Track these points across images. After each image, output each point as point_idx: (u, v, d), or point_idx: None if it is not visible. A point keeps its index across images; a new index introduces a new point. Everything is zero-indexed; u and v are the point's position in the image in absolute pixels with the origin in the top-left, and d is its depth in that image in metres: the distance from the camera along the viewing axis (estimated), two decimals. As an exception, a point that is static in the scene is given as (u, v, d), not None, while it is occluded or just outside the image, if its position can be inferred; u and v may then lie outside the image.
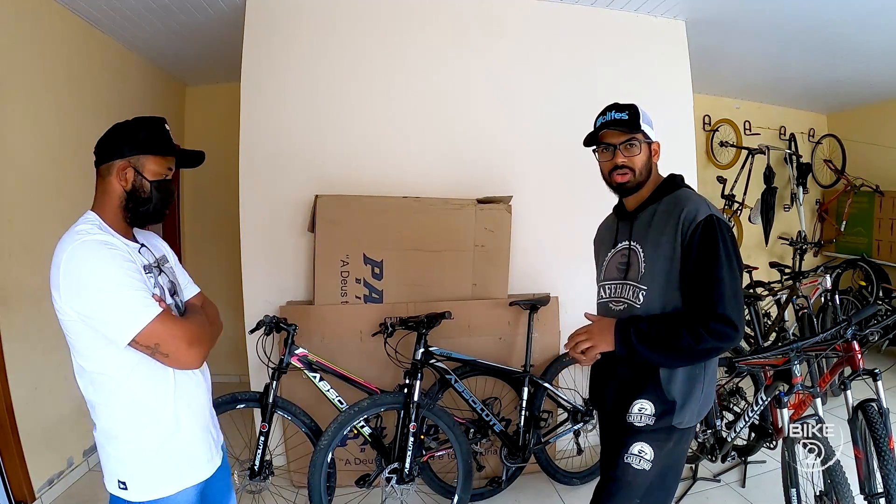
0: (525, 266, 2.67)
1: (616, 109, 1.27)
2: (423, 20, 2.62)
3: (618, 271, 1.32)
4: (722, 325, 1.11)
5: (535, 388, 2.32)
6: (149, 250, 1.12)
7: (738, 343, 1.23)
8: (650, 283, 1.22)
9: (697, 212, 1.17)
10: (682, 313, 1.18)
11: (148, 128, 1.07)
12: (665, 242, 1.20)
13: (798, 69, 3.64)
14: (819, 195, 4.70)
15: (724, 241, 1.15)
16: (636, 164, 1.26)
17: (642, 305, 1.23)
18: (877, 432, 1.72)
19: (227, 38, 2.82)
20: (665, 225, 1.21)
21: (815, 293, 3.52)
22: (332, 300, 2.33)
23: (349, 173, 2.52)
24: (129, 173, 1.04)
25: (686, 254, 1.17)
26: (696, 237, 1.15)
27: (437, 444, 2.23)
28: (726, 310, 1.11)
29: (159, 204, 1.08)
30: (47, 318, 2.39)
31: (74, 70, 2.55)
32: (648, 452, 1.22)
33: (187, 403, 1.08)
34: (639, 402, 1.23)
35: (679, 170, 1.35)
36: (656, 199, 1.28)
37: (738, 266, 1.17)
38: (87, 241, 0.97)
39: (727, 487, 2.36)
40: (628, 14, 2.82)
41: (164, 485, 1.04)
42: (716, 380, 1.30)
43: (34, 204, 2.29)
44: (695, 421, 1.24)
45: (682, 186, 1.29)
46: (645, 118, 1.26)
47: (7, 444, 2.05)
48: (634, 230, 1.29)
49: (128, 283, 0.96)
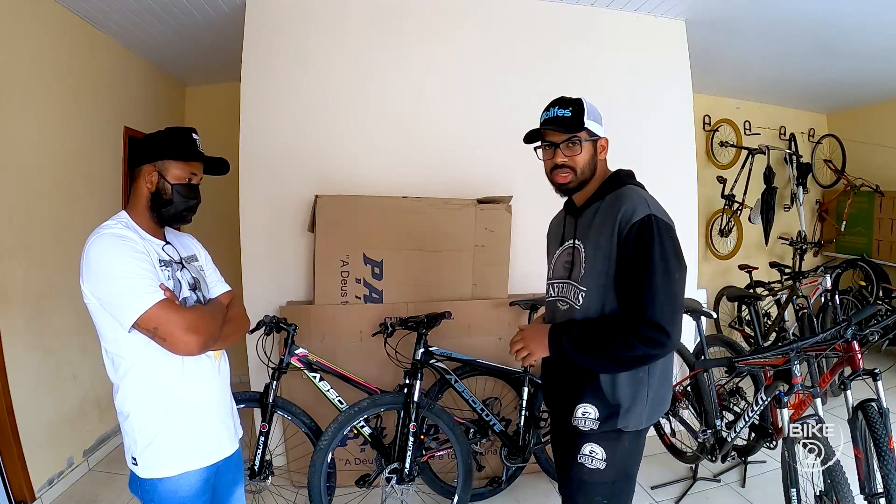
0: (525, 266, 2.67)
1: (560, 105, 1.22)
2: (422, 20, 2.62)
3: (563, 270, 1.29)
4: (652, 331, 1.07)
5: (535, 388, 2.32)
6: (173, 248, 1.22)
7: (674, 349, 1.16)
8: (589, 284, 1.19)
9: (635, 211, 1.12)
10: (614, 318, 1.14)
11: (177, 137, 1.17)
12: (604, 242, 1.16)
13: (798, 69, 3.64)
14: (819, 195, 4.69)
15: (662, 242, 1.09)
16: (577, 163, 1.21)
17: (581, 307, 1.20)
18: (877, 432, 1.72)
19: (227, 38, 2.82)
20: (604, 224, 1.17)
21: (815, 293, 3.52)
22: (332, 300, 2.33)
23: (349, 173, 2.53)
24: (153, 176, 1.15)
25: (620, 255, 1.13)
26: (631, 238, 1.11)
27: (437, 444, 2.23)
28: (656, 315, 1.07)
29: (181, 206, 1.17)
30: (47, 318, 2.42)
31: (75, 70, 2.56)
32: (600, 452, 1.20)
33: (195, 390, 1.15)
34: (582, 405, 1.20)
35: (679, 170, 1.34)
36: (600, 197, 1.23)
37: (676, 269, 1.11)
38: (105, 234, 1.08)
39: (727, 487, 2.36)
40: (628, 14, 2.82)
41: (168, 465, 1.11)
42: (670, 381, 1.27)
43: (34, 204, 2.29)
44: (645, 424, 1.21)
45: (626, 183, 1.23)
46: (591, 114, 1.21)
47: (7, 444, 2.06)
48: (579, 228, 1.26)
49: (134, 272, 1.04)
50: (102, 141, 2.82)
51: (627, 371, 1.17)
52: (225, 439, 1.22)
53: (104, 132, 2.85)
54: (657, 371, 1.21)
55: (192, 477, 1.13)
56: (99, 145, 2.79)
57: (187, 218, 1.20)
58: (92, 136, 2.72)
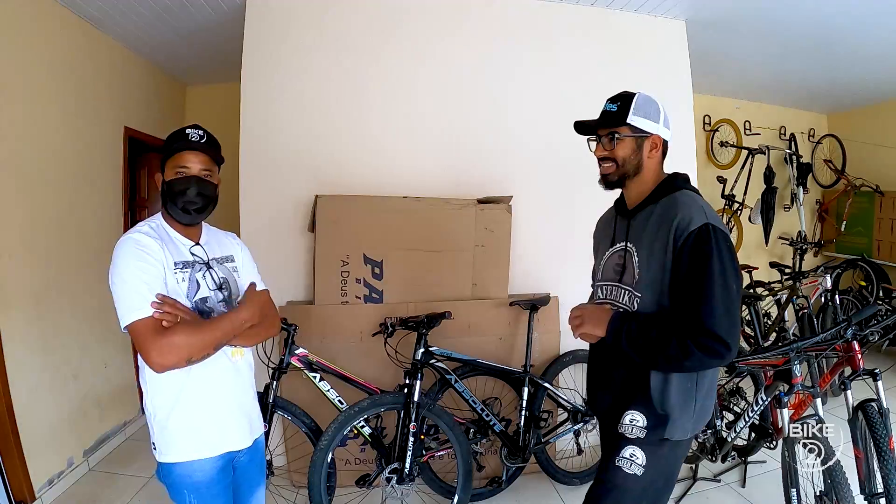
0: (525, 266, 2.67)
1: (610, 101, 1.22)
2: (422, 20, 2.62)
3: (614, 273, 1.26)
4: (711, 342, 1.05)
5: (535, 388, 2.32)
6: (202, 249, 1.24)
7: (731, 360, 1.15)
8: (645, 290, 1.17)
9: (692, 219, 1.09)
10: (674, 321, 1.11)
11: (171, 136, 1.20)
12: (658, 249, 1.14)
13: (798, 69, 3.64)
14: (819, 195, 4.70)
15: (720, 252, 1.07)
16: (618, 155, 1.20)
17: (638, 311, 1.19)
18: (877, 432, 1.72)
19: (227, 38, 2.82)
20: (659, 229, 1.15)
21: (815, 293, 3.52)
22: (332, 300, 2.33)
23: (349, 173, 2.52)
24: (157, 178, 1.22)
25: (676, 263, 1.10)
26: (688, 247, 1.08)
27: (438, 444, 2.23)
28: (715, 326, 1.05)
29: (178, 200, 1.17)
30: (47, 318, 2.42)
31: (75, 70, 2.56)
32: (640, 457, 1.18)
33: (206, 382, 1.18)
34: (630, 412, 1.19)
35: (679, 170, 1.32)
36: (655, 200, 1.21)
37: (734, 279, 1.08)
38: (126, 238, 1.13)
39: (727, 487, 2.36)
40: (628, 14, 2.82)
41: (180, 450, 1.16)
42: (714, 392, 1.26)
43: (34, 204, 2.29)
44: (689, 434, 1.19)
45: (682, 188, 1.20)
46: (641, 109, 1.18)
47: (7, 444, 2.05)
48: (631, 230, 1.23)
49: (131, 282, 1.08)
50: (103, 141, 2.83)
51: (678, 374, 1.15)
52: (235, 432, 1.24)
53: (104, 132, 2.85)
54: (705, 382, 1.19)
55: (206, 464, 1.17)
56: (99, 145, 2.79)
57: (189, 210, 1.18)
58: (92, 136, 2.72)
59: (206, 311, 1.20)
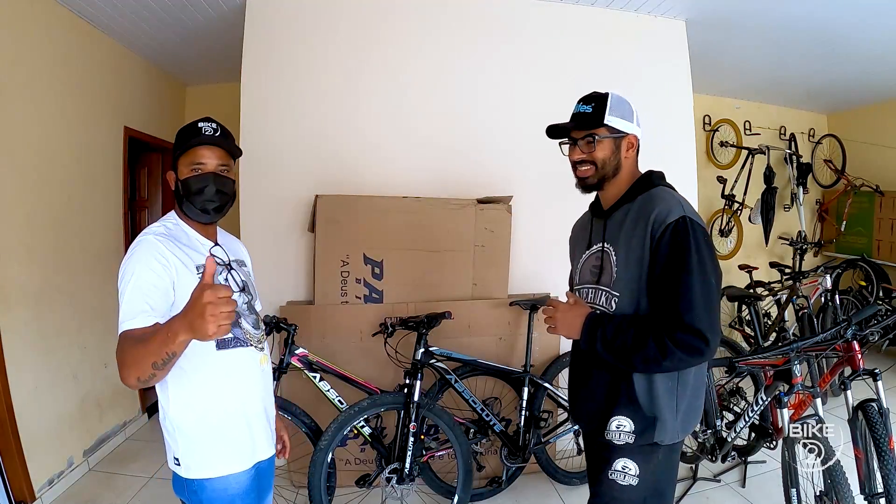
0: (525, 266, 2.67)
1: (584, 101, 1.18)
2: (422, 20, 2.62)
3: (591, 275, 1.23)
4: (690, 337, 1.02)
5: (535, 388, 2.32)
6: (222, 249, 1.20)
7: (712, 356, 1.09)
8: (623, 289, 1.14)
9: (669, 212, 1.07)
10: (651, 319, 1.08)
11: (184, 131, 1.12)
12: (636, 245, 1.11)
13: (798, 69, 3.64)
14: (819, 195, 4.69)
15: (698, 245, 1.04)
16: (597, 157, 1.17)
17: (615, 313, 1.16)
18: (877, 432, 1.72)
19: (227, 38, 2.82)
20: (636, 225, 1.12)
21: (815, 293, 3.52)
22: (332, 300, 2.33)
23: (349, 173, 2.52)
24: (170, 177, 1.14)
25: (653, 258, 1.08)
26: (665, 240, 1.06)
27: (438, 444, 2.23)
28: (694, 320, 1.01)
29: (193, 199, 1.10)
30: (47, 318, 2.42)
31: (75, 70, 2.56)
32: (633, 468, 1.14)
33: (238, 391, 1.13)
34: (616, 418, 1.14)
35: (679, 170, 1.32)
36: (631, 198, 1.18)
37: (713, 273, 1.06)
38: (141, 240, 1.05)
39: (727, 487, 2.36)
40: (628, 14, 2.82)
41: (214, 465, 1.09)
42: (702, 392, 1.22)
43: (34, 204, 2.29)
44: (680, 437, 1.15)
45: (658, 184, 1.18)
46: (616, 109, 1.16)
47: (7, 444, 2.05)
48: (608, 231, 1.20)
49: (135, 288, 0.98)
50: (102, 141, 2.82)
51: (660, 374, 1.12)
52: (264, 441, 1.20)
53: (104, 132, 2.85)
54: (691, 380, 1.15)
55: (242, 476, 1.13)
56: (99, 145, 2.79)
57: (208, 209, 1.11)
58: (92, 136, 2.72)
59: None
